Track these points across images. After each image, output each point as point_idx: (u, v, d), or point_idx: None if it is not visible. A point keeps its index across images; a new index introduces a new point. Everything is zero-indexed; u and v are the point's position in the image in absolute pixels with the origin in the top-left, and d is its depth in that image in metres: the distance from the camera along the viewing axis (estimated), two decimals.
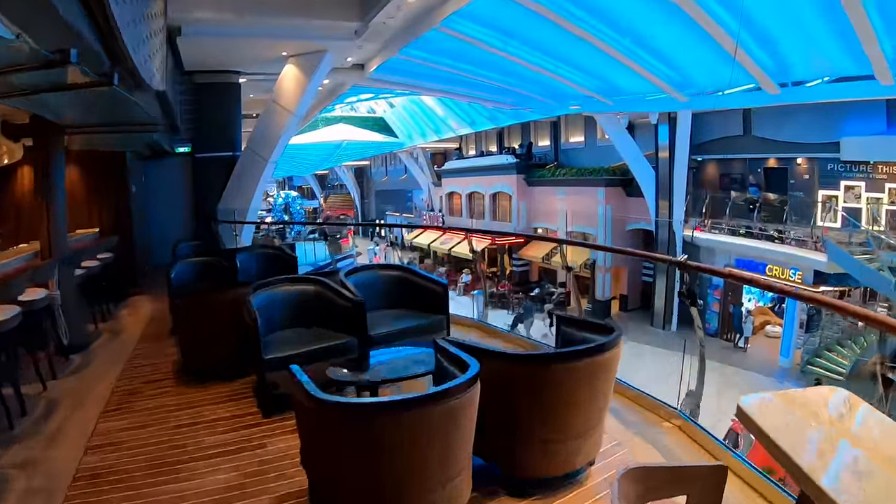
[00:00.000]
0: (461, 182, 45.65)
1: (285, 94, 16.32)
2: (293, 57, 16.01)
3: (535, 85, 25.29)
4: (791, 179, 26.43)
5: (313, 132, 45.53)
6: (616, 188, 32.96)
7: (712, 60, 20.12)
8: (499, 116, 36.53)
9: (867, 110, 22.78)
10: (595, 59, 21.21)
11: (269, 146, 16.51)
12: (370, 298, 6.61)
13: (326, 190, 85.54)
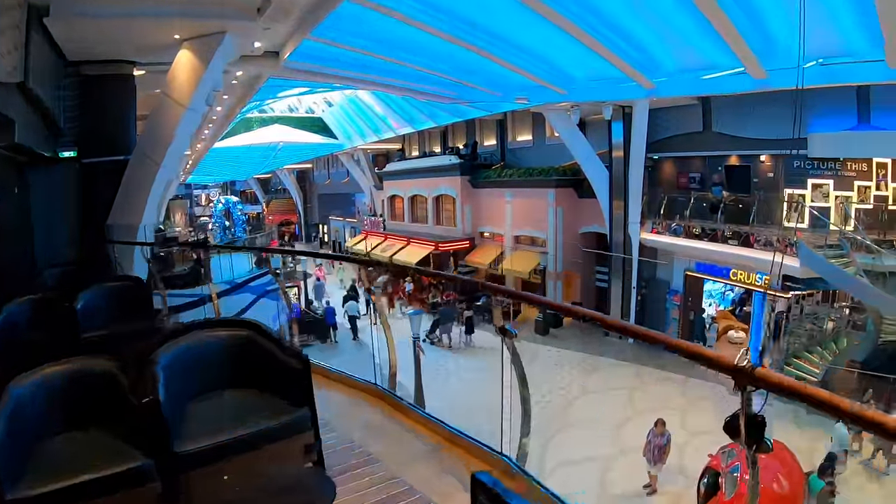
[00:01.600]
0: (403, 185, 43.08)
1: (178, 84, 13.44)
2: (188, 41, 13.17)
3: (473, 73, 22.64)
4: (755, 178, 24.74)
5: (248, 133, 43.30)
6: (567, 189, 30.90)
7: (687, 37, 17.88)
8: (439, 114, 34.03)
9: (836, 104, 21.42)
10: (543, 37, 18.57)
11: (161, 147, 13.58)
12: (194, 378, 4.08)
13: (269, 194, 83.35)
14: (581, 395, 21.21)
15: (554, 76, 22.11)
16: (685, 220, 25.06)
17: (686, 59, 19.70)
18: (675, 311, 27.08)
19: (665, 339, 2.53)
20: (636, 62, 19.54)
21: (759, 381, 2.62)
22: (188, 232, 39.14)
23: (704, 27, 15.93)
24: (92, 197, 14.41)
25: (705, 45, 17.64)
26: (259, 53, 15.95)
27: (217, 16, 12.18)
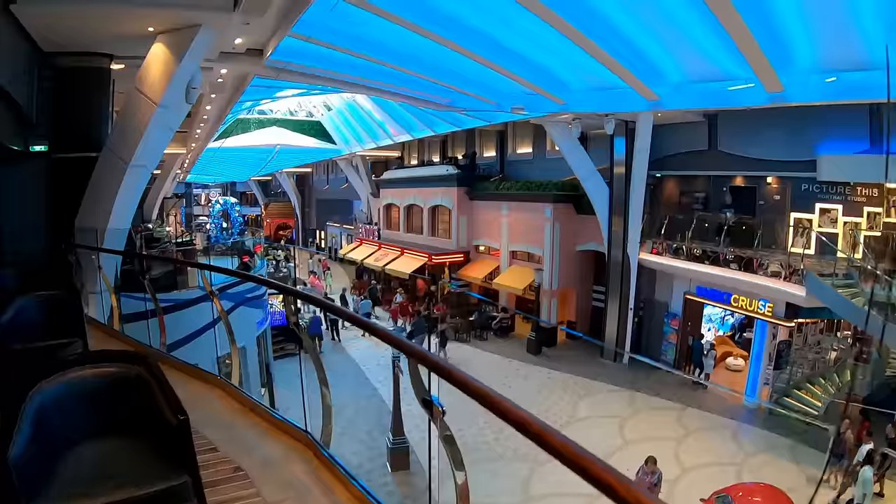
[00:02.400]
0: (399, 193, 41.99)
1: (150, 80, 12.53)
2: (162, 34, 12.30)
3: (467, 81, 21.53)
4: (760, 200, 24.01)
5: (245, 135, 42.55)
6: (565, 205, 29.96)
7: (696, 44, 16.62)
8: (437, 122, 33.10)
9: (848, 126, 20.46)
10: (539, 42, 17.40)
11: (130, 145, 12.63)
12: (68, 423, 3.23)
13: (268, 197, 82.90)
14: (570, 423, 20.22)
15: (551, 84, 21.06)
16: (687, 242, 24.17)
17: (693, 68, 18.51)
18: (673, 335, 26.05)
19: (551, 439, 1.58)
20: (638, 70, 18.23)
21: None
22: (181, 232, 38.00)
23: (715, 32, 14.61)
24: (62, 194, 13.47)
25: (716, 54, 16.43)
26: (241, 51, 15.17)
27: (190, 6, 11.27)
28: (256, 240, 41.47)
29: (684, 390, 23.06)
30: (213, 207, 54.52)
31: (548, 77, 20.37)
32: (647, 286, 27.31)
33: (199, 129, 27.68)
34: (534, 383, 23.92)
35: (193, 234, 36.85)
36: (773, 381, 21.52)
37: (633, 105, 21.22)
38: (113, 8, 11.08)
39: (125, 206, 13.35)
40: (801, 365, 22.30)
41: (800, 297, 19.06)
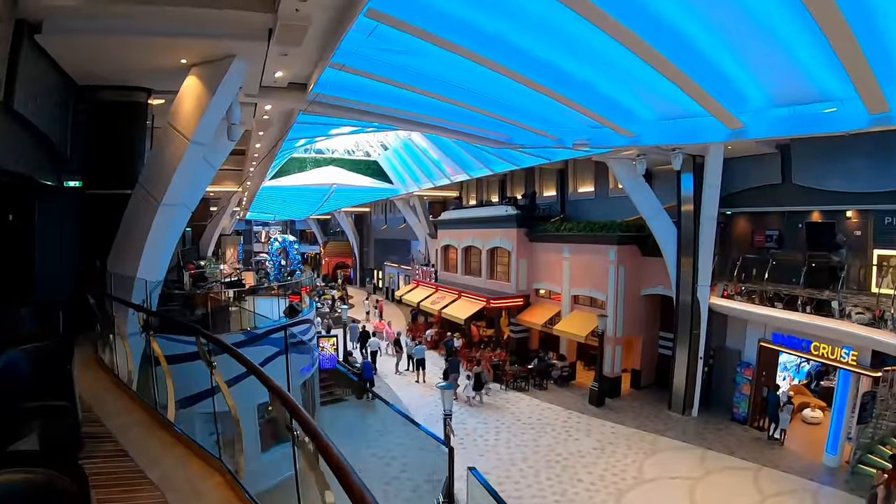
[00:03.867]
0: (457, 234, 41.15)
1: (183, 114, 12.15)
2: (196, 66, 11.95)
3: (527, 115, 20.58)
4: (840, 236, 22.09)
5: (302, 173, 43.21)
6: (630, 246, 28.75)
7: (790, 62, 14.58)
8: (494, 161, 32.45)
9: None
10: (607, 68, 16.14)
11: (163, 183, 12.18)
12: None
13: (327, 236, 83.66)
14: (636, 484, 18.83)
15: (618, 115, 19.62)
16: (763, 284, 22.75)
17: (782, 90, 16.43)
18: (746, 385, 24.41)
19: None
20: (720, 94, 16.37)
21: None
22: (235, 270, 37.90)
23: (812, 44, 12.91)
24: (95, 232, 13.34)
25: (811, 69, 14.53)
26: (284, 85, 14.67)
27: (221, 35, 10.77)
28: (308, 279, 40.85)
29: (759, 447, 21.46)
30: (272, 245, 55.07)
31: (615, 107, 19.01)
32: (718, 333, 25.84)
33: (252, 167, 27.41)
34: (596, 438, 22.61)
35: (242, 272, 36.47)
36: (856, 437, 19.76)
37: (712, 135, 19.47)
38: (141, 39, 10.73)
39: (158, 246, 12.84)
40: (886, 417, 20.65)
41: (890, 346, 17.38)
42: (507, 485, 18.56)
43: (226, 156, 16.13)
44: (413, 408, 25.88)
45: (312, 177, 43.52)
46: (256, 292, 24.76)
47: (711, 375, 26.06)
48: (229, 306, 20.54)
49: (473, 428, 23.39)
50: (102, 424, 6.91)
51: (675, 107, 18.42)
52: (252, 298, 22.99)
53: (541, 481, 18.82)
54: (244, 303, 21.67)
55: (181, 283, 23.69)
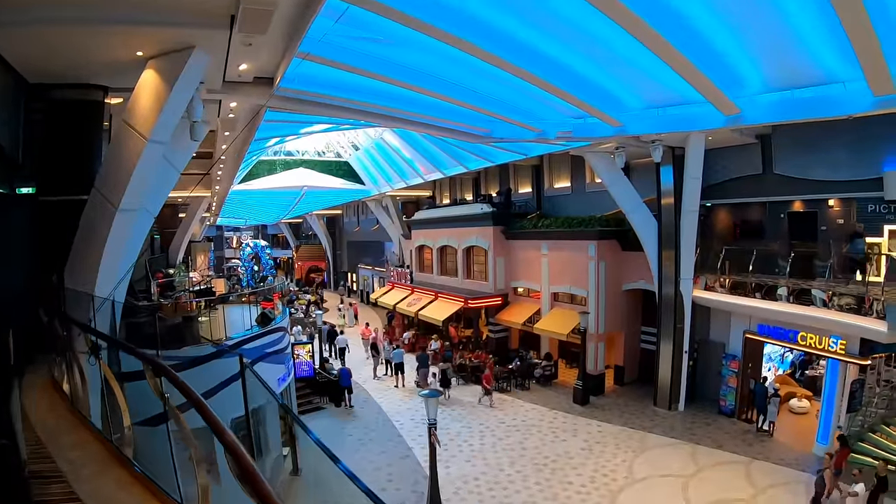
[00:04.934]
0: (432, 234, 40.58)
1: (140, 111, 11.33)
2: (153, 59, 11.14)
3: (508, 107, 19.85)
4: (822, 225, 22.34)
5: (272, 176, 42.45)
6: (610, 241, 28.40)
7: (793, 41, 13.78)
8: (468, 157, 31.99)
9: None
10: (596, 54, 15.37)
11: (120, 186, 11.33)
12: None
13: (299, 240, 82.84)
14: (628, 484, 18.43)
15: (606, 103, 18.75)
16: (749, 276, 22.54)
17: (781, 72, 15.67)
18: (732, 378, 24.21)
19: None
20: (718, 77, 15.34)
21: None
22: (206, 277, 37.06)
23: (817, 21, 12.28)
24: (51, 243, 12.15)
25: (815, 48, 13.80)
26: (248, 79, 13.91)
27: (180, 24, 10.03)
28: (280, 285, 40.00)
29: (748, 439, 21.24)
30: (244, 250, 54.25)
31: (601, 95, 18.20)
32: (702, 326, 25.69)
33: (220, 169, 26.60)
34: (583, 438, 22.22)
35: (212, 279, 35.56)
36: (846, 426, 19.72)
37: (707, 122, 18.62)
38: (87, 28, 9.90)
39: (117, 255, 11.91)
40: (875, 405, 20.75)
41: (880, 333, 17.26)
42: (496, 491, 18.09)
43: (189, 157, 15.43)
44: (393, 414, 25.37)
45: (283, 179, 42.83)
46: (226, 300, 23.95)
47: (696, 369, 25.88)
48: (198, 316, 19.79)
49: (457, 433, 22.86)
50: (53, 461, 6.16)
51: (666, 93, 17.82)
52: (222, 307, 22.21)
53: (530, 486, 18.35)
54: (214, 312, 20.90)
55: (149, 293, 22.95)
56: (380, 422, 24.44)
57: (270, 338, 19.37)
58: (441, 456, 17.01)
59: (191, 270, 37.44)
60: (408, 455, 20.81)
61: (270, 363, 19.39)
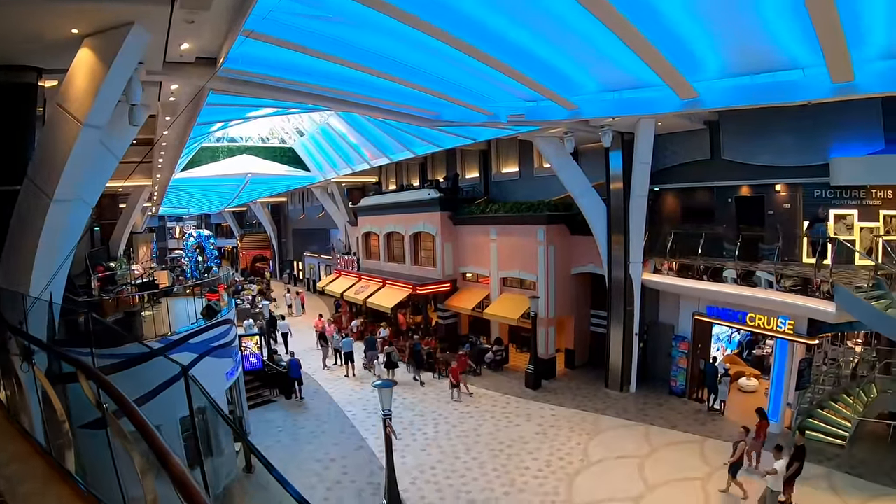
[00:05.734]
0: (378, 221, 39.91)
1: (75, 93, 10.44)
2: (89, 37, 10.24)
3: (459, 89, 19.11)
4: (769, 210, 22.63)
5: (215, 164, 41.06)
6: (559, 225, 28.14)
7: (755, 25, 13.66)
8: (415, 142, 31.34)
9: (861, 126, 19.69)
10: (553, 33, 14.94)
11: (54, 174, 10.43)
12: None
13: (244, 229, 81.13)
14: (584, 468, 18.23)
15: (561, 86, 18.36)
16: (698, 259, 22.55)
17: (744, 54, 15.53)
18: (682, 359, 24.33)
19: None
20: (677, 60, 15.09)
21: None
22: (148, 269, 35.80)
23: (782, 4, 12.27)
24: None
25: (778, 31, 13.71)
26: (191, 60, 13.08)
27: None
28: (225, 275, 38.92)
29: (700, 419, 21.29)
30: (187, 241, 52.85)
31: (556, 77, 17.78)
32: (651, 308, 25.76)
33: (161, 156, 25.54)
34: (537, 423, 21.97)
35: (155, 271, 34.38)
36: (796, 402, 20.08)
37: (663, 105, 18.43)
38: (17, 3, 8.97)
39: (52, 249, 11.02)
40: (823, 382, 21.11)
41: (829, 314, 17.51)
42: (453, 479, 17.70)
43: (128, 143, 14.46)
44: (345, 404, 24.79)
45: (226, 166, 41.44)
46: (170, 293, 23.06)
47: (647, 351, 26.00)
48: (141, 311, 18.95)
49: (411, 421, 22.39)
50: None
51: (623, 76, 17.57)
52: (166, 300, 21.32)
53: (487, 473, 18.02)
54: (158, 306, 20.06)
55: (89, 288, 21.96)
56: (332, 413, 23.82)
57: (217, 331, 18.59)
58: (396, 445, 16.54)
59: (132, 263, 36.10)
60: (362, 446, 20.30)
61: (218, 357, 18.59)
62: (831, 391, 20.88)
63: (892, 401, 19.73)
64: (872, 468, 16.79)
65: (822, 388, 20.91)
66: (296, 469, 18.52)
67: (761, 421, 18.39)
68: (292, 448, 20.29)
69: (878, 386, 20.85)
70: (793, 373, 20.18)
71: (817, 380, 20.93)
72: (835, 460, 17.79)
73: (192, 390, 6.18)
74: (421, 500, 16.48)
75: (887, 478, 16.23)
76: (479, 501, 16.38)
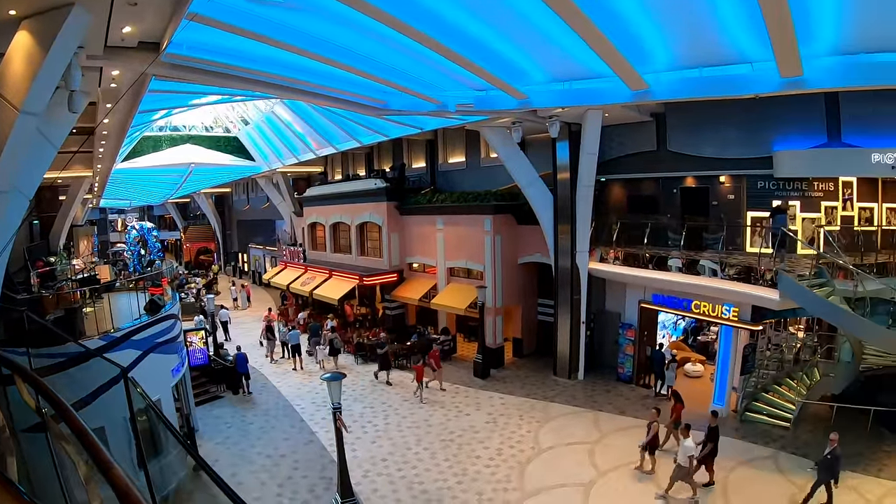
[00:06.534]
0: (324, 211, 39.12)
1: (11, 78, 9.72)
2: (27, 19, 9.57)
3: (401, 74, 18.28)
4: (714, 200, 22.88)
5: (157, 153, 39.45)
6: (505, 215, 27.93)
7: (707, 21, 13.79)
8: (361, 132, 30.64)
9: (804, 120, 20.15)
10: (504, 22, 14.66)
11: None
12: None
13: (187, 220, 79.18)
14: (536, 455, 18.10)
15: (510, 75, 18.04)
16: (644, 249, 22.65)
17: (694, 48, 15.52)
18: (629, 346, 24.49)
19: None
20: (627, 51, 14.93)
21: None
22: (90, 264, 34.53)
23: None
24: None
25: (731, 29, 13.79)
26: (133, 44, 12.40)
27: None
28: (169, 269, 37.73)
29: (648, 404, 21.10)
30: (129, 234, 51.28)
31: (506, 66, 17.48)
32: (598, 297, 25.74)
33: (102, 146, 24.49)
34: (487, 412, 21.74)
35: (97, 266, 33.12)
36: (741, 387, 20.47)
37: (613, 96, 18.25)
38: None
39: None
40: (767, 367, 21.67)
41: (772, 301, 17.87)
42: (405, 470, 17.31)
43: (67, 131, 13.70)
44: (294, 398, 24.12)
45: (169, 156, 39.81)
46: (113, 288, 22.14)
47: (594, 339, 26.01)
48: (82, 307, 18.10)
49: (360, 413, 21.90)
50: None
51: (572, 67, 17.34)
52: (108, 295, 20.43)
53: (439, 463, 17.72)
54: (100, 301, 19.21)
55: (28, 284, 20.97)
56: (280, 407, 23.14)
57: (161, 326, 17.79)
58: (346, 438, 16.03)
59: (73, 257, 34.80)
60: (312, 440, 19.74)
61: (163, 354, 17.78)
62: (775, 375, 21.40)
63: (833, 383, 20.14)
64: (816, 448, 17.09)
65: (767, 373, 21.40)
66: (246, 466, 17.95)
67: (676, 403, 18.73)
68: (242, 444, 19.61)
69: (821, 369, 21.52)
70: (737, 358, 20.50)
71: (761, 364, 21.39)
72: (780, 441, 18.24)
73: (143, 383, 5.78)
74: (374, 492, 16.08)
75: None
76: (431, 492, 16.07)
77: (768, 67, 14.56)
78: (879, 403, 18.35)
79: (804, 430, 18.96)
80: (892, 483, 15.40)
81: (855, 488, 15.16)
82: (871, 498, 14.73)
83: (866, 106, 18.93)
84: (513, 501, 15.53)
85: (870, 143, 19.12)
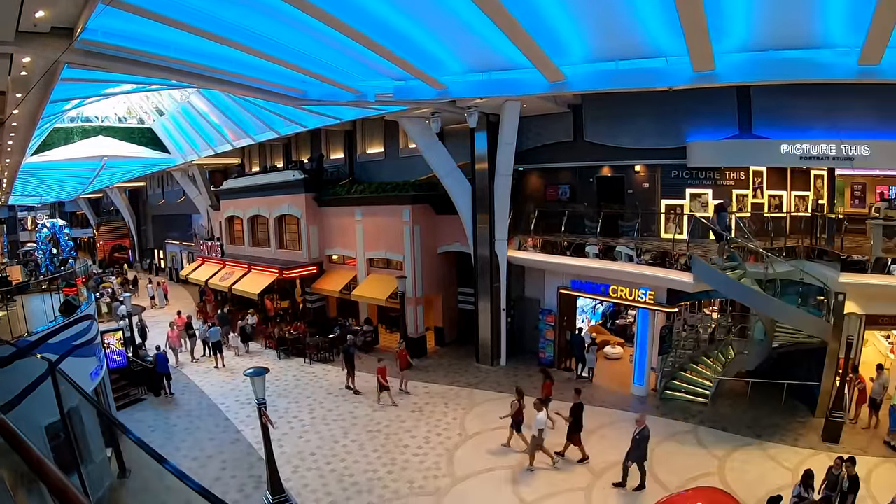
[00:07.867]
0: (242, 204, 37.67)
1: None
2: None
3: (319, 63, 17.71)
4: (629, 189, 23.22)
5: (68, 146, 37.28)
6: (424, 205, 27.52)
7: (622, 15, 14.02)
8: (278, 122, 29.71)
9: (716, 112, 20.91)
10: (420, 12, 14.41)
11: None
12: None
13: (100, 216, 75.69)
14: (462, 442, 17.93)
15: (429, 65, 17.71)
16: (561, 236, 22.74)
17: (609, 41, 15.63)
18: (549, 331, 24.55)
19: None
20: (545, 42, 14.82)
21: None
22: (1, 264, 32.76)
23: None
24: None
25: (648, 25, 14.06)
26: (45, 30, 11.47)
27: None
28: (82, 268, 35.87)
29: (570, 386, 20.85)
30: (40, 232, 48.87)
31: (426, 56, 17.14)
32: (518, 284, 25.74)
33: (11, 139, 22.93)
34: (412, 401, 21.39)
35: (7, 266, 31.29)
36: (659, 367, 20.85)
37: (531, 87, 18.22)
38: None
39: None
40: (683, 347, 22.12)
41: (687, 284, 18.16)
42: (335, 464, 16.75)
43: None
44: (217, 396, 23.04)
45: (80, 149, 37.69)
46: (25, 290, 20.79)
47: (515, 325, 25.99)
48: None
49: (286, 409, 21.08)
50: None
51: (491, 58, 17.18)
52: (21, 297, 19.15)
53: (368, 454, 17.28)
54: (12, 304, 17.97)
55: None
56: (204, 406, 22.01)
57: (77, 328, 16.56)
58: (273, 435, 15.38)
59: None
60: (238, 438, 18.86)
61: (80, 357, 16.47)
62: (692, 355, 21.98)
63: (747, 360, 21.06)
64: (734, 422, 18.00)
65: (683, 353, 21.91)
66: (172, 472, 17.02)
67: (545, 381, 19.83)
68: (167, 447, 18.41)
69: (735, 348, 22.31)
70: (655, 339, 20.84)
71: (678, 345, 21.83)
72: (699, 416, 18.78)
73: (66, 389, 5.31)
74: (304, 487, 15.44)
75: (748, 430, 17.54)
76: (362, 483, 15.61)
77: (682, 62, 14.96)
78: (792, 378, 19.07)
79: (722, 406, 19.59)
80: (808, 451, 16.04)
81: (773, 457, 15.78)
82: (788, 466, 15.28)
83: (776, 100, 19.67)
84: (443, 488, 15.24)
85: (779, 135, 19.85)
